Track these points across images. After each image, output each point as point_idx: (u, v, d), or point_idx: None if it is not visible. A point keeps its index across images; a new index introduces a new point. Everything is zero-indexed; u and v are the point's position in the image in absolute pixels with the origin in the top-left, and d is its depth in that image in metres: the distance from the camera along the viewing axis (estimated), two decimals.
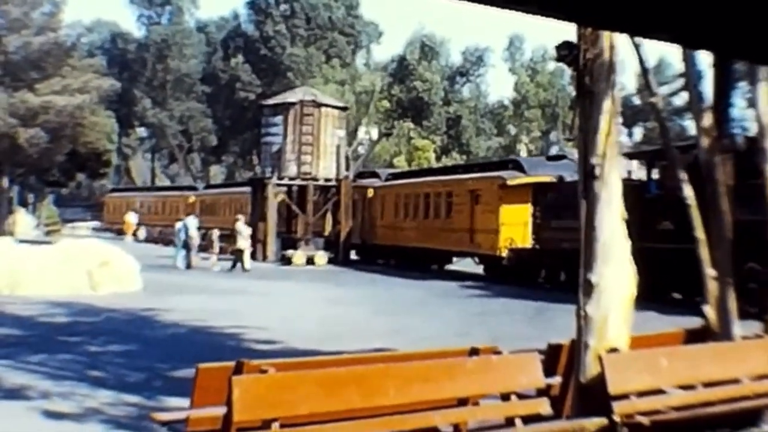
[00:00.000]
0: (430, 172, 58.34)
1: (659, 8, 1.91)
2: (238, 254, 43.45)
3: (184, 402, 8.31)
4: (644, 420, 8.73)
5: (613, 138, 9.43)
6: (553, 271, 35.50)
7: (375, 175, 58.80)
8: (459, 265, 46.48)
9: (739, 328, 11.59)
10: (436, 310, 27.77)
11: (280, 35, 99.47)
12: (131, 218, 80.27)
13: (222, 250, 52.79)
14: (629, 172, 31.85)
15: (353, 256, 54.14)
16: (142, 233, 77.21)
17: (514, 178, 40.10)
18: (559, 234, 31.55)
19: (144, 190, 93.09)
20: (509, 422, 8.64)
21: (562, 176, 35.61)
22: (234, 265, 42.90)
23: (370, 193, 53.95)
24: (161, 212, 78.36)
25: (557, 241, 32.24)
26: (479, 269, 43.42)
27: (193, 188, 79.43)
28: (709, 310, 11.60)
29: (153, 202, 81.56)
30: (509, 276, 37.37)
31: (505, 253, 38.82)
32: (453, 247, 44.71)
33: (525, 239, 38.64)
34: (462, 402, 8.51)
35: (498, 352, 9.20)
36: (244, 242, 43.57)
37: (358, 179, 57.51)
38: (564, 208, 29.07)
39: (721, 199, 11.81)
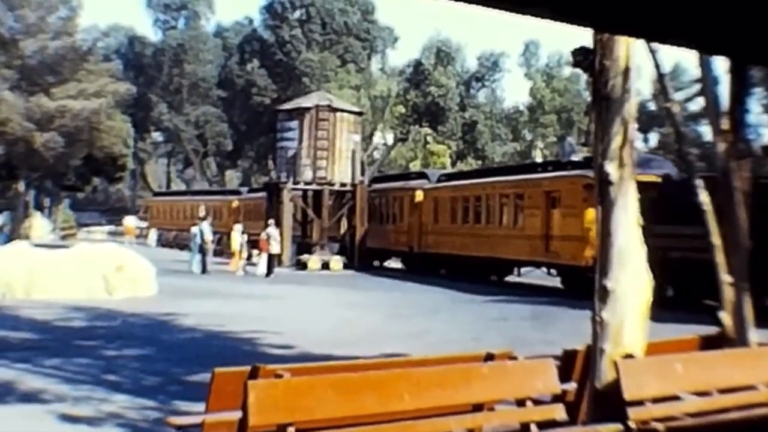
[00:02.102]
0: (493, 171, 52.40)
1: (676, 14, 1.92)
2: (273, 258, 43.72)
3: (200, 406, 8.32)
4: (659, 426, 8.70)
5: (629, 144, 9.41)
6: (656, 285, 28.99)
7: (423, 176, 53.97)
8: (529, 277, 42.81)
9: (755, 334, 11.55)
10: (450, 316, 27.79)
11: (296, 40, 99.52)
12: (131, 222, 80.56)
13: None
14: None
15: (398, 264, 52.37)
16: (152, 237, 77.18)
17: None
18: (666, 241, 25.59)
19: (188, 194, 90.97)
20: (524, 428, 8.63)
21: (669, 174, 31.23)
22: (270, 270, 43.10)
23: (419, 196, 49.35)
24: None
25: (663, 249, 24.71)
26: (552, 281, 38.78)
27: (236, 192, 77.74)
28: (725, 316, 11.56)
29: (197, 207, 78.72)
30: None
31: (590, 264, 32.35)
32: (522, 256, 39.91)
33: None
34: (477, 407, 8.49)
35: (513, 358, 9.19)
36: (277, 246, 43.97)
37: (405, 180, 54.21)
38: (671, 211, 25.15)
39: (737, 204, 11.77)
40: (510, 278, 43.61)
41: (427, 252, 48.37)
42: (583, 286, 31.43)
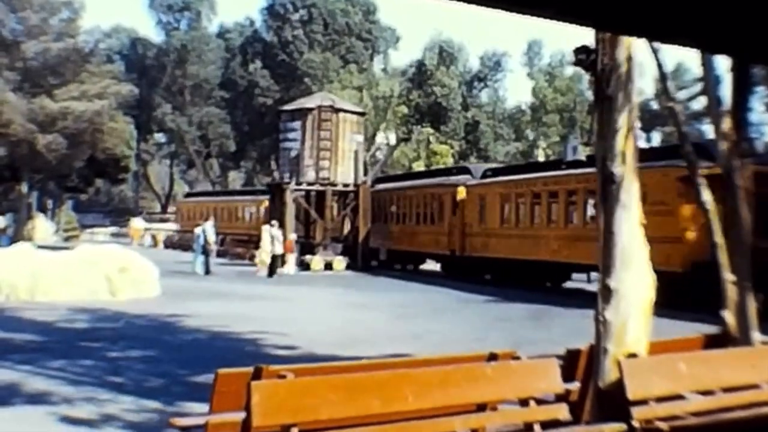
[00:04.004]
0: (555, 164, 44.94)
1: (678, 13, 1.92)
2: (276, 259, 43.78)
3: (204, 407, 8.32)
4: (663, 425, 8.70)
5: (632, 143, 9.41)
6: None
7: (464, 170, 49.63)
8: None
9: (758, 333, 11.55)
10: (453, 316, 27.78)
11: (298, 40, 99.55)
12: (138, 224, 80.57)
13: (239, 256, 53.06)
14: None
15: (436, 268, 50.32)
16: (147, 239, 77.16)
17: (704, 168, 26.15)
18: None
19: (218, 195, 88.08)
20: (528, 428, 8.63)
21: None
22: (273, 271, 43.15)
23: (461, 193, 45.12)
24: (234, 219, 72.41)
25: None
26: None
27: (266, 192, 76.50)
28: (728, 315, 11.56)
29: (228, 207, 75.38)
30: (688, 300, 24.92)
31: (689, 269, 27.27)
32: (595, 261, 32.86)
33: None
34: (481, 407, 8.49)
35: (517, 358, 9.18)
36: (280, 247, 44.04)
37: (445, 176, 50.51)
38: None
39: (740, 203, 11.77)
40: (573, 285, 39.27)
41: (471, 255, 43.84)
42: (679, 296, 24.21)
